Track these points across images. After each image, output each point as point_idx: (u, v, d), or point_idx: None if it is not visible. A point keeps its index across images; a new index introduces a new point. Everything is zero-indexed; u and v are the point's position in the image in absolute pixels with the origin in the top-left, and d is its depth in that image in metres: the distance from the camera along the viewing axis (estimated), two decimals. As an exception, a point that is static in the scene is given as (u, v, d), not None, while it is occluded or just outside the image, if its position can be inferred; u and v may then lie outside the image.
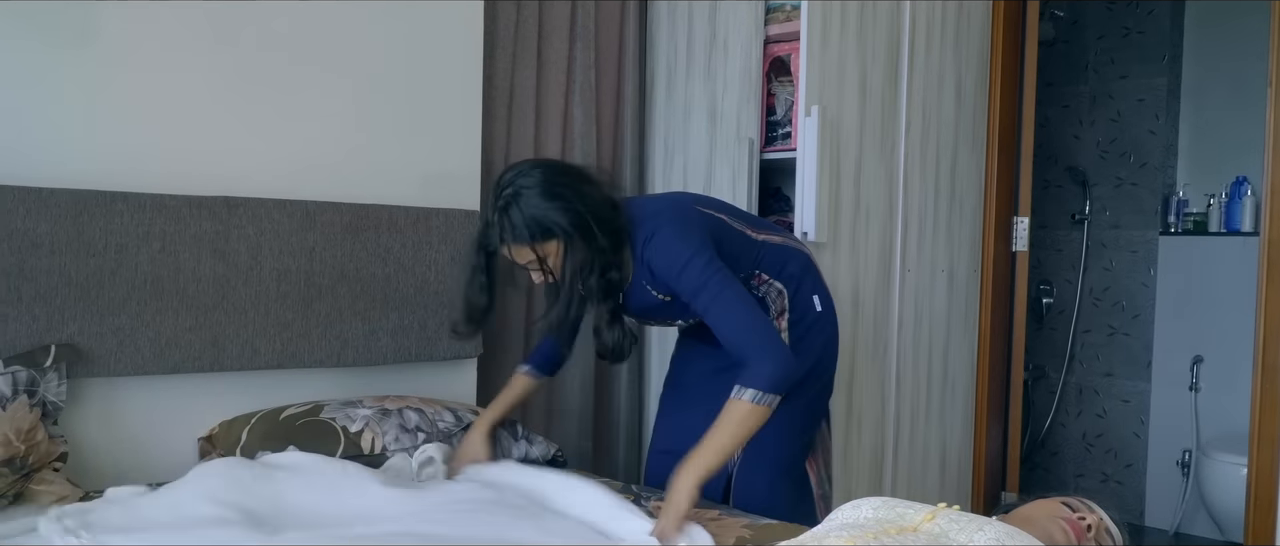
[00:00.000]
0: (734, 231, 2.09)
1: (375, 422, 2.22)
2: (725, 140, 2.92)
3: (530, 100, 2.91)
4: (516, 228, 1.86)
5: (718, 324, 1.87)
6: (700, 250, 1.90)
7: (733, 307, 1.85)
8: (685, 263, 1.89)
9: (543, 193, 1.87)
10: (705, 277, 1.87)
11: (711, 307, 1.87)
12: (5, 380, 1.91)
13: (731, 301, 1.86)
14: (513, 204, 1.87)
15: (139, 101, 2.18)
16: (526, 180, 1.89)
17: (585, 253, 1.90)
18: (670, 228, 1.94)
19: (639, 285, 2.03)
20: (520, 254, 1.90)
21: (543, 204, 1.86)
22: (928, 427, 2.97)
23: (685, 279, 1.90)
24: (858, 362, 2.69)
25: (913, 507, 1.25)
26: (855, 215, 2.64)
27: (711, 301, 1.86)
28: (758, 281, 2.13)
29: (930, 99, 2.92)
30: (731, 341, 1.85)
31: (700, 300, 1.88)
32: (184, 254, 2.18)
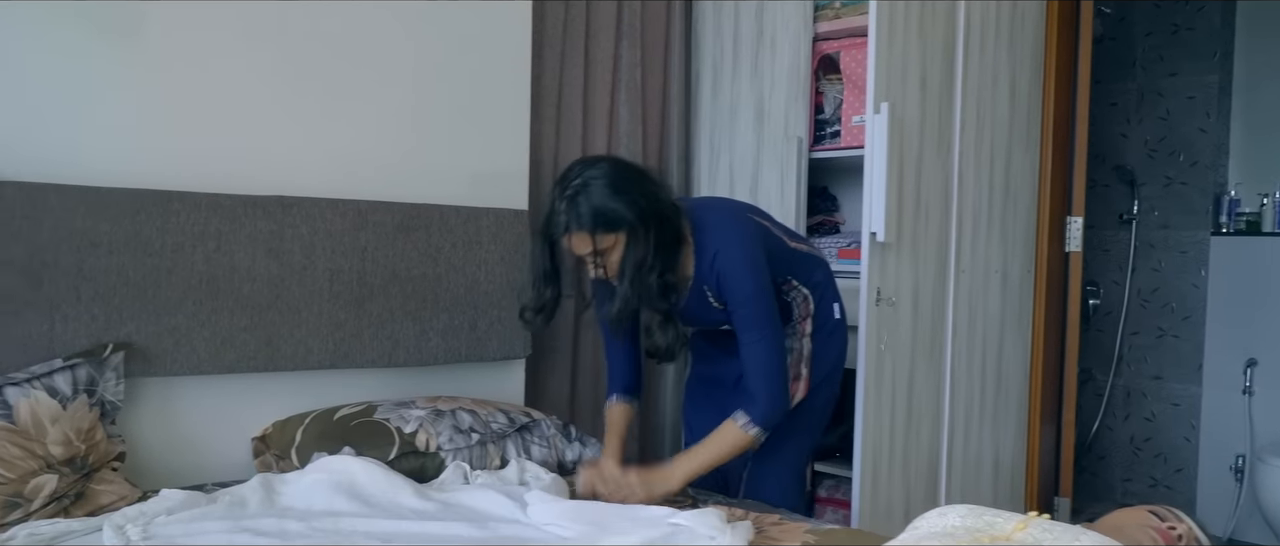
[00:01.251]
0: (775, 238, 2.15)
1: (429, 423, 2.20)
2: (773, 139, 2.90)
3: (577, 99, 2.89)
4: (581, 217, 1.86)
5: (751, 357, 1.99)
6: (761, 282, 2.00)
7: (770, 352, 2.00)
8: (750, 294, 1.99)
9: (609, 185, 1.88)
10: (760, 315, 2.00)
11: (755, 344, 1.99)
12: (65, 378, 1.91)
13: (771, 347, 2.00)
14: (580, 194, 1.87)
15: (194, 102, 2.19)
16: (594, 172, 1.90)
17: (645, 249, 1.90)
18: (739, 246, 2.00)
19: (699, 292, 2.03)
20: (581, 244, 1.89)
21: (609, 196, 1.87)
22: (981, 430, 2.92)
23: (742, 305, 1.99)
24: (916, 364, 2.65)
25: (1002, 515, 1.22)
26: (915, 215, 2.60)
27: (757, 340, 1.99)
28: (787, 287, 2.19)
29: (985, 97, 2.87)
30: (754, 376, 1.99)
31: (749, 332, 1.99)
32: (239, 253, 2.18)
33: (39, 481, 1.75)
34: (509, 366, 2.71)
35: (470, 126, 2.61)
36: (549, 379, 2.86)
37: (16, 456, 1.75)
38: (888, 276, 2.52)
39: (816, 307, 2.21)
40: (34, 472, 1.75)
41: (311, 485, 1.94)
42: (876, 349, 2.49)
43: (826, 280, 2.25)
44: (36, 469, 1.76)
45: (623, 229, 1.88)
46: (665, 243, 1.94)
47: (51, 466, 1.78)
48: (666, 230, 1.94)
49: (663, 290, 1.96)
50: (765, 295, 2.01)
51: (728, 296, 1.99)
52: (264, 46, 2.27)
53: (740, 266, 1.99)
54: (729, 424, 1.99)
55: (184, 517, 1.74)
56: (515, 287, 2.61)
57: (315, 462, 2.04)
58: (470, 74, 2.60)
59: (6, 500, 1.70)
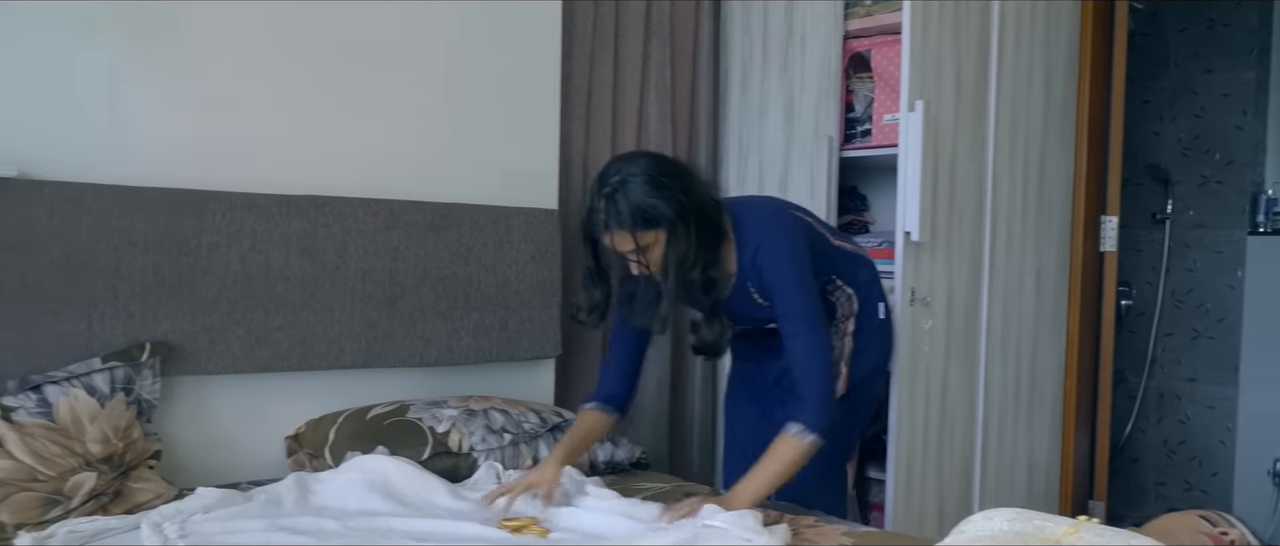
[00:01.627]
0: (818, 235, 2.12)
1: (461, 423, 2.20)
2: (802, 138, 2.87)
3: (607, 99, 2.89)
4: (621, 215, 1.83)
5: (796, 355, 1.93)
6: (804, 277, 1.95)
7: (814, 348, 1.92)
8: (792, 286, 1.94)
9: (648, 182, 1.85)
10: (803, 309, 1.94)
11: (798, 337, 1.93)
12: (103, 377, 1.92)
13: (814, 342, 1.93)
14: (619, 191, 1.84)
15: (230, 102, 2.20)
16: (633, 168, 1.88)
17: (686, 245, 1.88)
18: (782, 240, 1.96)
19: (742, 288, 2.01)
20: (621, 241, 1.87)
21: (648, 193, 1.84)
22: (1015, 432, 2.89)
23: (785, 300, 1.94)
24: (951, 366, 2.62)
25: (1051, 519, 1.20)
26: (949, 214, 2.58)
27: (800, 333, 1.93)
28: (831, 286, 2.16)
29: (1019, 95, 2.84)
30: (800, 376, 1.92)
31: (790, 325, 1.94)
32: (273, 253, 2.18)
33: (78, 479, 1.76)
34: (538, 366, 2.71)
35: (501, 126, 2.61)
36: (578, 378, 2.85)
37: (56, 454, 1.76)
38: (922, 276, 2.50)
39: (861, 307, 2.19)
40: (73, 470, 1.76)
41: (346, 484, 1.94)
42: (911, 348, 2.47)
43: (871, 279, 2.23)
44: (76, 467, 1.77)
45: (662, 226, 1.86)
46: (707, 238, 1.91)
47: (90, 464, 1.79)
48: (707, 225, 1.91)
49: (706, 285, 1.94)
50: (808, 288, 1.96)
51: (771, 290, 1.96)
52: (298, 48, 2.28)
53: (782, 259, 1.95)
54: (783, 437, 1.88)
55: (220, 516, 1.75)
56: (546, 286, 2.61)
57: (349, 461, 2.05)
58: (501, 74, 2.60)
59: (47, 497, 1.71)
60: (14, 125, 1.95)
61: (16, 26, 1.95)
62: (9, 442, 1.73)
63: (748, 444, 2.25)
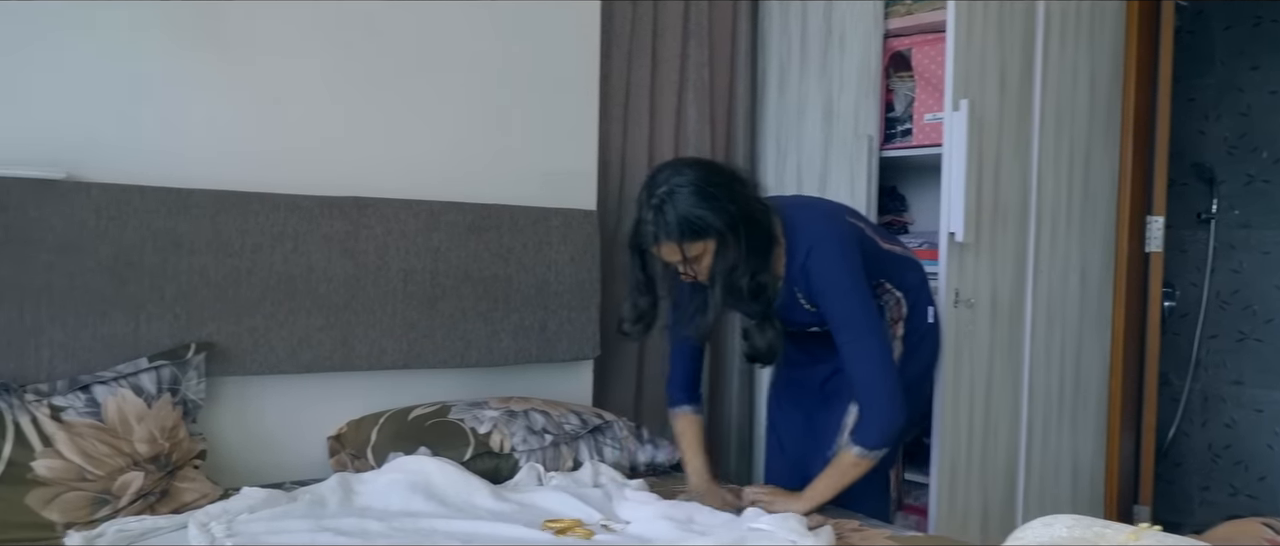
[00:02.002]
0: (869, 240, 2.09)
1: (503, 424, 2.20)
2: (841, 138, 2.85)
3: (645, 99, 2.88)
4: (669, 226, 1.82)
5: (853, 363, 1.92)
6: (857, 281, 1.94)
7: (873, 354, 1.91)
8: (845, 291, 1.92)
9: (696, 193, 1.82)
10: (857, 314, 1.92)
11: (854, 345, 1.92)
12: (150, 378, 1.94)
13: (874, 348, 1.92)
14: (666, 202, 1.82)
15: (274, 105, 2.21)
16: (680, 179, 1.85)
17: (735, 254, 1.86)
18: (833, 246, 1.94)
19: (789, 294, 1.99)
20: (669, 253, 1.86)
21: (696, 203, 1.82)
22: (1059, 435, 2.85)
23: (838, 306, 1.93)
24: (995, 368, 2.59)
25: (1111, 527, 1.17)
26: (994, 215, 2.54)
27: (855, 340, 1.92)
28: (881, 289, 2.14)
29: (1064, 94, 2.80)
30: (860, 385, 1.92)
31: (845, 333, 1.92)
32: (315, 254, 2.19)
33: (126, 478, 1.77)
34: (577, 367, 2.70)
35: (540, 127, 2.61)
36: (615, 380, 2.84)
37: (105, 454, 1.77)
38: (966, 277, 2.47)
39: (910, 311, 2.17)
40: (121, 470, 1.77)
41: (388, 485, 1.94)
42: (955, 350, 2.44)
43: (921, 283, 2.20)
44: (124, 466, 1.78)
45: (711, 236, 1.83)
46: (756, 245, 1.89)
47: (138, 463, 1.80)
48: (757, 232, 1.89)
49: (754, 293, 1.92)
50: (862, 294, 1.94)
51: (821, 296, 1.93)
52: (341, 51, 2.30)
53: (835, 265, 1.92)
54: (844, 454, 1.93)
55: (266, 516, 1.76)
56: (584, 287, 2.60)
57: (391, 462, 2.05)
58: (540, 75, 2.60)
59: (96, 497, 1.73)
60: (62, 128, 1.97)
61: (63, 30, 1.97)
62: (59, 442, 1.74)
63: (791, 449, 2.26)
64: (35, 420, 1.76)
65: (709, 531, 1.77)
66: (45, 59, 1.95)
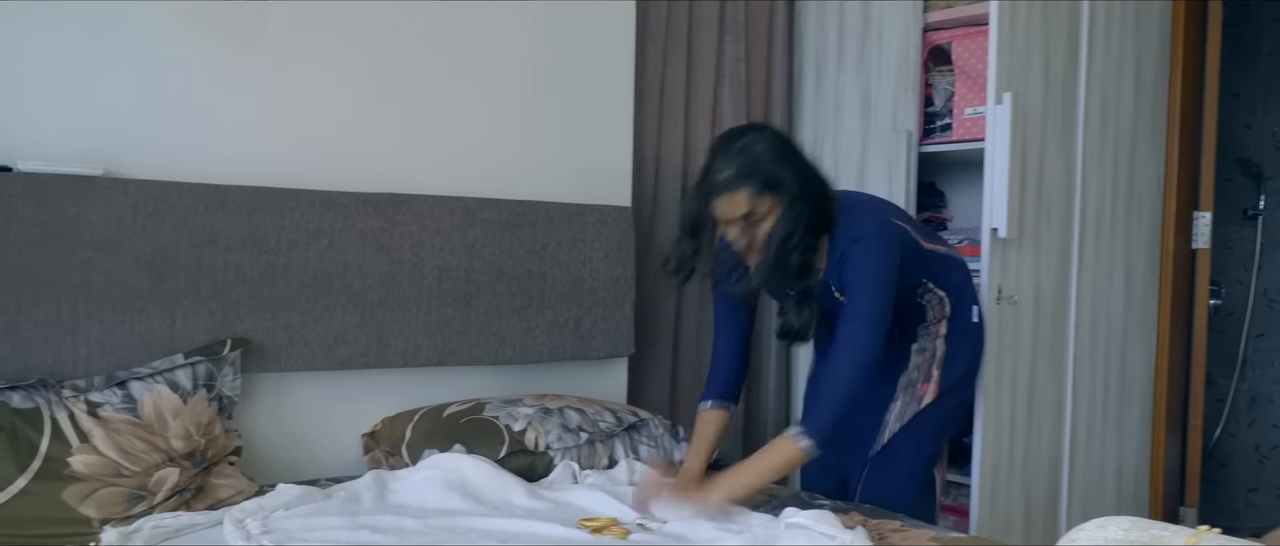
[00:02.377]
0: (912, 241, 2.06)
1: (538, 421, 2.18)
2: (880, 133, 2.82)
3: (680, 95, 2.85)
4: (746, 174, 1.81)
5: (842, 348, 1.88)
6: (886, 284, 1.90)
7: (865, 350, 1.86)
8: (871, 287, 1.88)
9: (774, 150, 1.84)
10: (871, 311, 1.87)
11: (854, 337, 1.87)
12: (186, 373, 1.93)
13: (868, 346, 1.87)
14: (745, 153, 1.82)
15: (309, 102, 2.21)
16: (759, 136, 1.87)
17: (796, 223, 1.84)
18: (875, 243, 1.91)
19: (824, 283, 1.96)
20: (737, 205, 1.82)
21: (774, 159, 1.83)
22: (1104, 435, 2.79)
23: (858, 299, 1.88)
24: (1038, 366, 2.54)
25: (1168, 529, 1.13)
26: (1037, 210, 2.49)
27: (858, 332, 1.87)
28: (923, 289, 2.11)
29: (1109, 88, 2.74)
30: (834, 379, 1.87)
31: (852, 323, 1.88)
32: (350, 250, 2.18)
33: (162, 474, 1.77)
34: (612, 365, 2.68)
35: (575, 124, 2.59)
36: (650, 377, 2.82)
37: (141, 449, 1.77)
38: (1009, 274, 2.42)
39: (953, 310, 2.13)
40: (157, 466, 1.77)
41: (424, 482, 1.93)
42: (997, 348, 2.39)
43: (964, 281, 2.16)
44: (159, 462, 1.78)
45: (783, 193, 1.82)
46: (815, 221, 1.88)
47: (173, 459, 1.80)
48: (820, 208, 1.88)
49: (802, 270, 1.89)
50: (886, 298, 1.89)
51: (849, 286, 1.90)
52: (376, 48, 2.29)
53: (872, 262, 1.89)
54: (785, 442, 1.85)
55: (301, 513, 1.75)
56: (619, 284, 2.58)
57: (426, 460, 2.04)
58: (575, 72, 2.58)
59: (132, 493, 1.73)
60: (99, 125, 1.97)
61: (100, 27, 1.97)
62: (95, 438, 1.74)
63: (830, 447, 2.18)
64: (72, 416, 1.76)
65: (747, 529, 1.74)
66: (83, 56, 1.96)
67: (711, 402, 2.09)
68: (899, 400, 2.10)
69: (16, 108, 1.90)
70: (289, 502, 1.79)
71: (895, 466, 2.09)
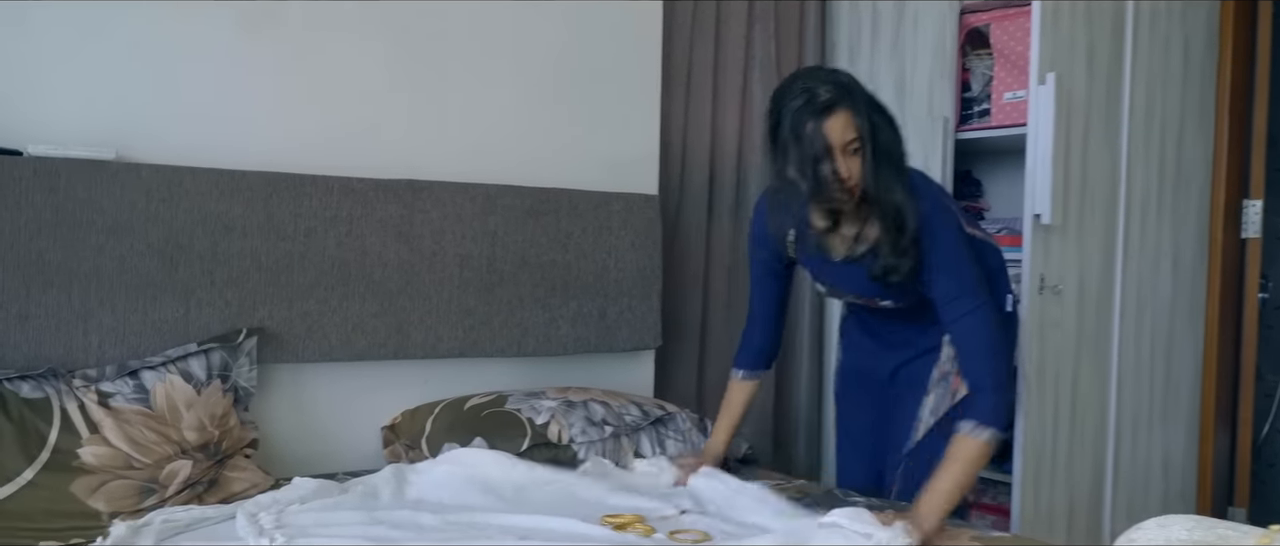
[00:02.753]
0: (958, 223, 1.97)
1: (561, 414, 2.12)
2: (915, 119, 2.75)
3: (707, 78, 2.78)
4: (855, 97, 1.69)
5: (968, 335, 1.75)
6: (970, 255, 1.80)
7: (988, 326, 1.74)
8: (960, 261, 1.78)
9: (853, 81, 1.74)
10: (973, 283, 1.76)
11: (970, 316, 1.74)
12: (200, 363, 1.88)
13: (985, 319, 1.74)
14: (845, 80, 1.71)
15: (327, 86, 2.16)
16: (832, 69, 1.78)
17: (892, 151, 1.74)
18: (949, 215, 1.82)
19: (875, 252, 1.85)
20: (843, 129, 1.67)
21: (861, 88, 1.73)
22: (1150, 432, 2.69)
23: (952, 276, 1.77)
24: (1082, 360, 2.44)
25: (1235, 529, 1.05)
26: (1081, 196, 2.39)
27: (972, 310, 1.74)
28: None
29: (1156, 70, 2.63)
30: (971, 357, 1.75)
31: (961, 303, 1.75)
32: (370, 238, 2.13)
33: (174, 467, 1.72)
34: (637, 357, 2.62)
35: (600, 109, 2.52)
36: (676, 371, 2.75)
37: (153, 441, 1.72)
38: (1052, 263, 2.32)
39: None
40: (169, 458, 1.72)
41: (444, 477, 1.87)
42: (1040, 341, 2.30)
43: (1000, 268, 2.08)
44: (171, 454, 1.73)
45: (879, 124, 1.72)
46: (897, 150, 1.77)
47: (186, 452, 1.75)
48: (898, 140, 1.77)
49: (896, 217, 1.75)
50: (977, 268, 1.79)
51: (932, 265, 1.77)
52: (396, 30, 2.23)
53: (951, 233, 1.78)
54: (958, 437, 1.71)
55: (316, 507, 1.69)
56: (646, 275, 2.52)
57: (447, 454, 1.98)
58: (600, 54, 2.52)
59: (143, 485, 1.68)
60: (112, 108, 1.93)
61: (113, 9, 1.93)
62: (106, 429, 1.69)
63: (863, 442, 2.15)
64: (82, 406, 1.71)
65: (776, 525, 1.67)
66: (95, 37, 1.91)
67: (744, 372, 2.06)
68: (932, 394, 2.02)
69: (27, 90, 1.85)
70: (304, 496, 1.73)
71: (931, 462, 1.95)
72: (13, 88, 1.84)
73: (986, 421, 1.67)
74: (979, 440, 1.67)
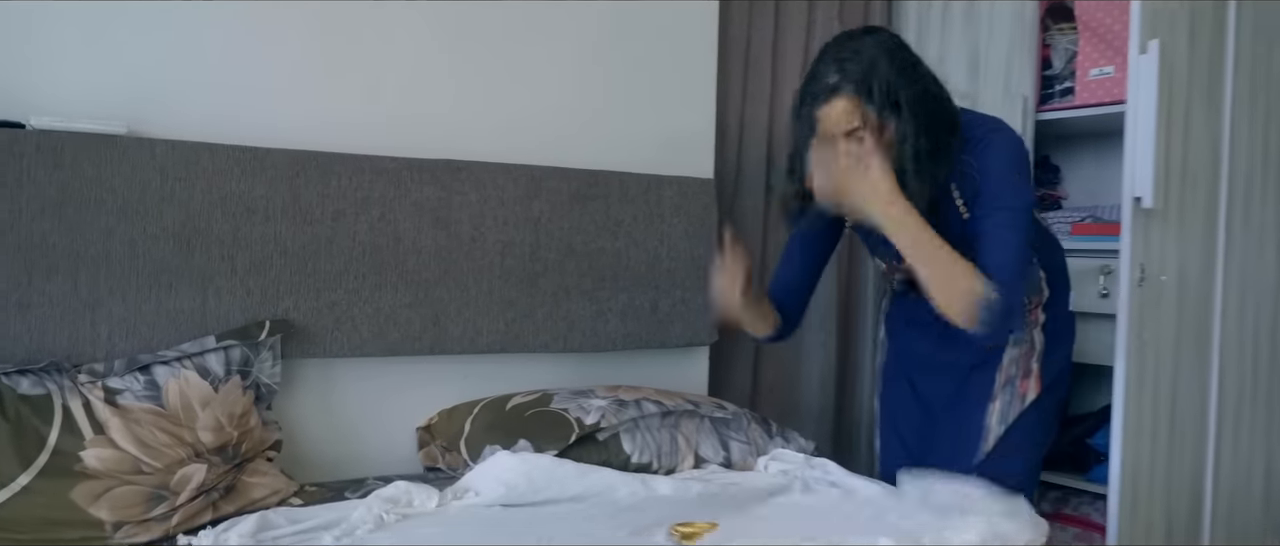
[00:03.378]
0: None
1: (612, 415, 1.96)
2: (990, 99, 2.60)
3: (766, 54, 2.62)
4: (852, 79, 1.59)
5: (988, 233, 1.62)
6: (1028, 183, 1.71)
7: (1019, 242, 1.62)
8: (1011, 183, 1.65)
9: (888, 55, 1.62)
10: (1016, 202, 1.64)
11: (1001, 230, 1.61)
12: (218, 358, 1.74)
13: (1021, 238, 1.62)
14: (854, 59, 1.61)
15: (357, 56, 2.02)
16: (870, 40, 1.64)
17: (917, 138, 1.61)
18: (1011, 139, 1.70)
19: (946, 200, 1.70)
20: (845, 116, 1.60)
21: (888, 65, 1.60)
22: (1252, 436, 2.45)
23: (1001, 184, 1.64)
24: (1181, 358, 2.22)
25: None
26: (1182, 178, 2.18)
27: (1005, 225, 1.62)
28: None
29: (1261, 42, 2.40)
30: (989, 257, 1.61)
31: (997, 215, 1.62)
32: (403, 222, 1.99)
33: (187, 471, 1.56)
34: (690, 354, 2.47)
35: (652, 86, 2.38)
36: (732, 369, 2.60)
37: (164, 443, 1.57)
38: (1152, 251, 2.11)
39: (1052, 296, 1.90)
40: (181, 462, 1.57)
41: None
42: (1138, 338, 2.09)
43: (1062, 266, 1.95)
44: (185, 457, 1.58)
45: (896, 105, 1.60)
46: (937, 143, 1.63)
47: (201, 455, 1.60)
48: (941, 127, 1.65)
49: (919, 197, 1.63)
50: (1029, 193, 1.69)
51: (986, 170, 1.65)
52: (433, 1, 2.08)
53: (1009, 154, 1.66)
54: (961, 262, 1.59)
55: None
56: (700, 265, 2.37)
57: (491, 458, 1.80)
58: (652, 29, 2.38)
59: (152, 492, 1.52)
60: (124, 78, 1.79)
61: (128, -30, 1.79)
62: (112, 429, 1.54)
63: (905, 430, 2.02)
64: (87, 404, 1.56)
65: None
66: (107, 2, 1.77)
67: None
68: (998, 400, 1.86)
69: (32, 57, 1.72)
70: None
71: (1004, 477, 1.82)
72: (14, 53, 1.70)
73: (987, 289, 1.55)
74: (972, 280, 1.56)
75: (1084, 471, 2.61)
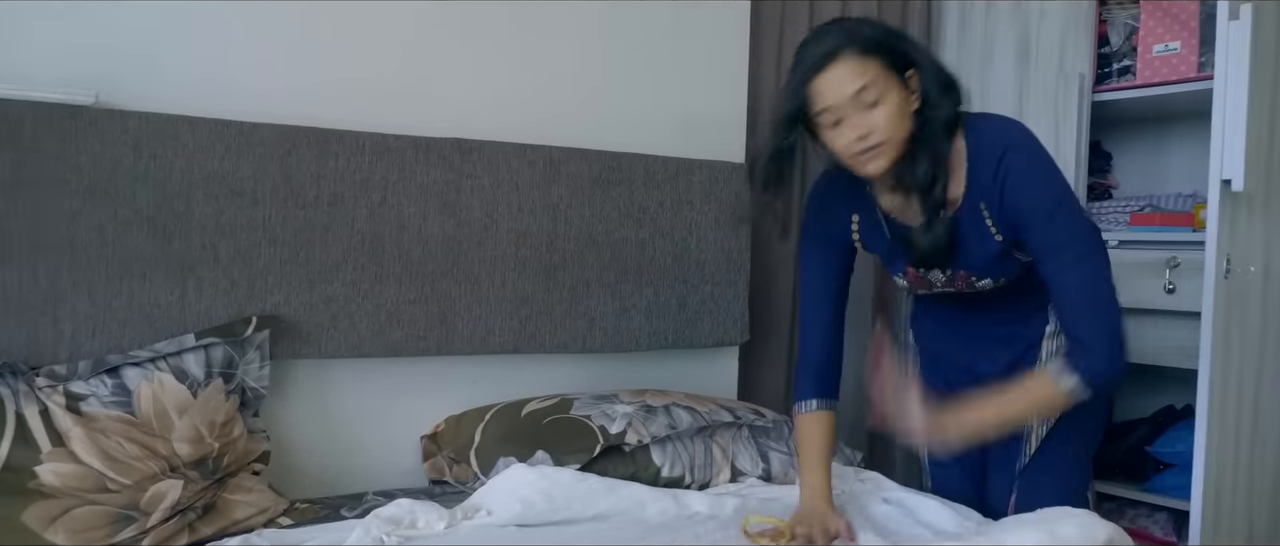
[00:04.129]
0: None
1: (639, 422, 1.82)
2: (1043, 78, 2.47)
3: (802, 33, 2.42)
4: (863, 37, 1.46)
5: (1075, 288, 1.50)
6: (1070, 191, 1.55)
7: (1100, 277, 1.51)
8: (1057, 200, 1.50)
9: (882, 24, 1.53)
10: (1079, 229, 1.52)
11: (1076, 267, 1.49)
12: (197, 358, 1.59)
13: (1101, 272, 1.52)
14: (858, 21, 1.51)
15: (357, 23, 1.91)
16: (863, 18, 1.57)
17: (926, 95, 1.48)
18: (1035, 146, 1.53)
19: (973, 213, 1.54)
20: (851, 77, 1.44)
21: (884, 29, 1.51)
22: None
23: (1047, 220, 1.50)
24: (1265, 358, 2.05)
25: None
26: (1269, 160, 2.01)
27: (1079, 261, 1.49)
28: None
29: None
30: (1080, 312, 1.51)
31: (1064, 254, 1.49)
32: (408, 208, 1.88)
33: (159, 488, 1.41)
34: (719, 354, 2.36)
35: (680, 62, 2.28)
36: (763, 371, 2.47)
37: (135, 456, 1.41)
38: (1239, 240, 1.94)
39: None
40: (154, 477, 1.41)
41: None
42: (1224, 337, 1.92)
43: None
44: (157, 472, 1.42)
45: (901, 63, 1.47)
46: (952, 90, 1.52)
47: (176, 469, 1.45)
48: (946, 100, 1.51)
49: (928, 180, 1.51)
50: (1079, 207, 1.57)
51: (1021, 207, 1.50)
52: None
53: (1041, 168, 1.51)
54: (1043, 381, 1.52)
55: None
56: (732, 257, 2.27)
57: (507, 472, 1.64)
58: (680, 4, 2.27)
59: (118, 513, 1.36)
60: (93, 43, 1.66)
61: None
62: (73, 441, 1.38)
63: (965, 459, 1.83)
64: (45, 411, 1.40)
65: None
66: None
67: (816, 401, 1.69)
68: None
69: (-13, 19, 1.57)
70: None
71: (1051, 488, 1.73)
72: (-34, 13, 1.56)
73: (1079, 373, 1.46)
74: (1058, 387, 1.47)
75: (1141, 481, 2.44)
